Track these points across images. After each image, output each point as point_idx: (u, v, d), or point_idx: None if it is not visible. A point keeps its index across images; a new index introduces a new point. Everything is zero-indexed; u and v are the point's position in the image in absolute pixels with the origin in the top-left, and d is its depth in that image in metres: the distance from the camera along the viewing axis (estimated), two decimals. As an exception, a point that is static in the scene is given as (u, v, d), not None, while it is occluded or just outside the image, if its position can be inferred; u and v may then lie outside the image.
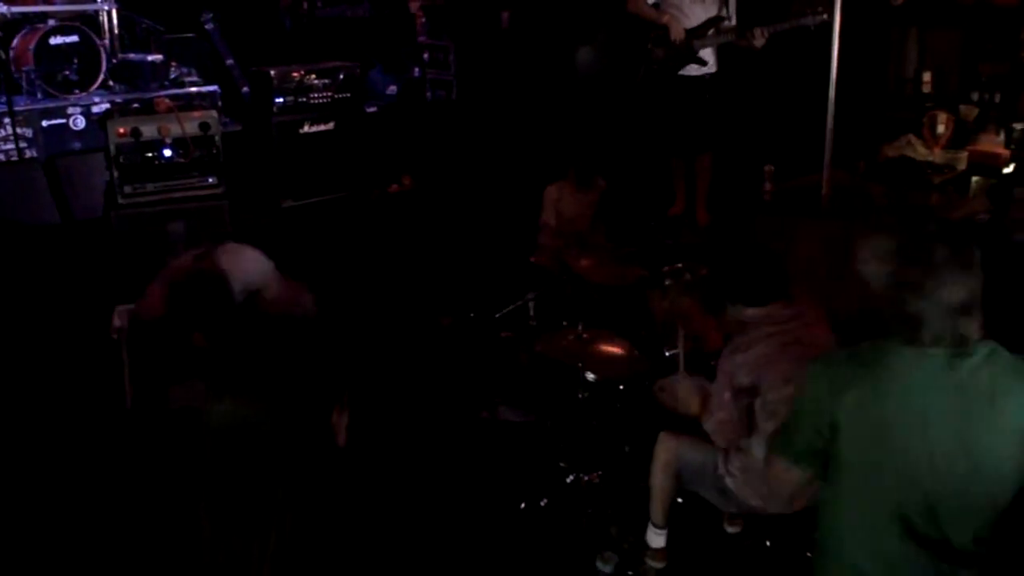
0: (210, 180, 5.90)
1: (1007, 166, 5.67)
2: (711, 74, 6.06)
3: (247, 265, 1.93)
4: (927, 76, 6.78)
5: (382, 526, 3.79)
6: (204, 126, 5.86)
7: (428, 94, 7.45)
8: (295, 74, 6.74)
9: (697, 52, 5.97)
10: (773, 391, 3.04)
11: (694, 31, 5.96)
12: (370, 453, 4.20)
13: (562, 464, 4.12)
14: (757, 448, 3.14)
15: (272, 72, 6.66)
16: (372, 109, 7.09)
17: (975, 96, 6.47)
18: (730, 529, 3.81)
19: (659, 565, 3.57)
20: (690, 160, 6.31)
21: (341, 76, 6.93)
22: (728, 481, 3.21)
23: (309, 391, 1.81)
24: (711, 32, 5.93)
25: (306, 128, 6.76)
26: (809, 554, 3.49)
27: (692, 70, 6.02)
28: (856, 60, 5.65)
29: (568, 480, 4.00)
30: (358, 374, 4.42)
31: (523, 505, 3.95)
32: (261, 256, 1.97)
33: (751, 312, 3.16)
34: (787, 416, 2.92)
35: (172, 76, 6.97)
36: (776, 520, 3.37)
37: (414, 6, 7.54)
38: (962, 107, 6.46)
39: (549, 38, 7.26)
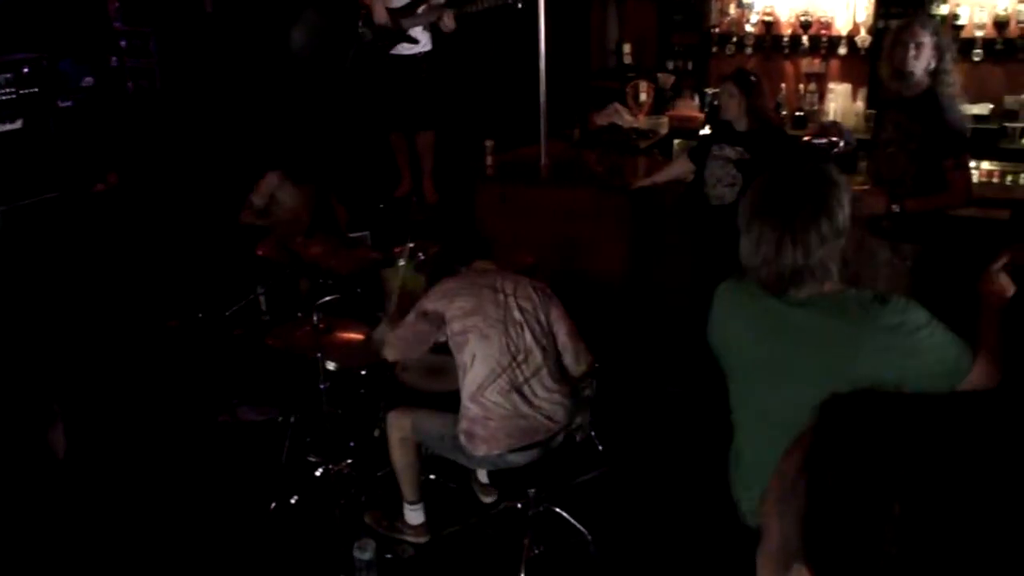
0: None
1: (703, 128, 6.14)
2: (425, 52, 6.07)
3: None
4: (627, 48, 7.18)
5: (127, 544, 3.54)
6: None
7: (129, 84, 6.94)
8: (-31, 68, 6.05)
9: (406, 31, 5.95)
10: (456, 321, 3.29)
11: (401, 10, 5.93)
12: (103, 470, 3.91)
13: (311, 458, 4.02)
14: (465, 386, 3.33)
15: (-59, 68, 5.95)
16: (66, 103, 6.51)
17: (670, 65, 6.95)
18: (485, 499, 3.89)
19: (421, 540, 3.61)
20: (411, 139, 6.31)
21: (26, 69, 6.31)
22: (462, 438, 3.33)
23: (11, 412, 1.63)
24: (420, 10, 5.93)
25: (-11, 128, 6.09)
26: (557, 509, 3.65)
27: (404, 49, 6.00)
28: (562, 35, 5.88)
29: (318, 473, 3.91)
30: (75, 386, 4.08)
31: (273, 505, 3.82)
32: None
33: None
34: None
35: None
36: (523, 482, 3.48)
37: (105, -10, 6.98)
38: (660, 75, 6.91)
39: (257, 20, 6.98)
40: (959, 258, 3.94)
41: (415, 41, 5.97)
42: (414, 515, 3.61)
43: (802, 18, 6.35)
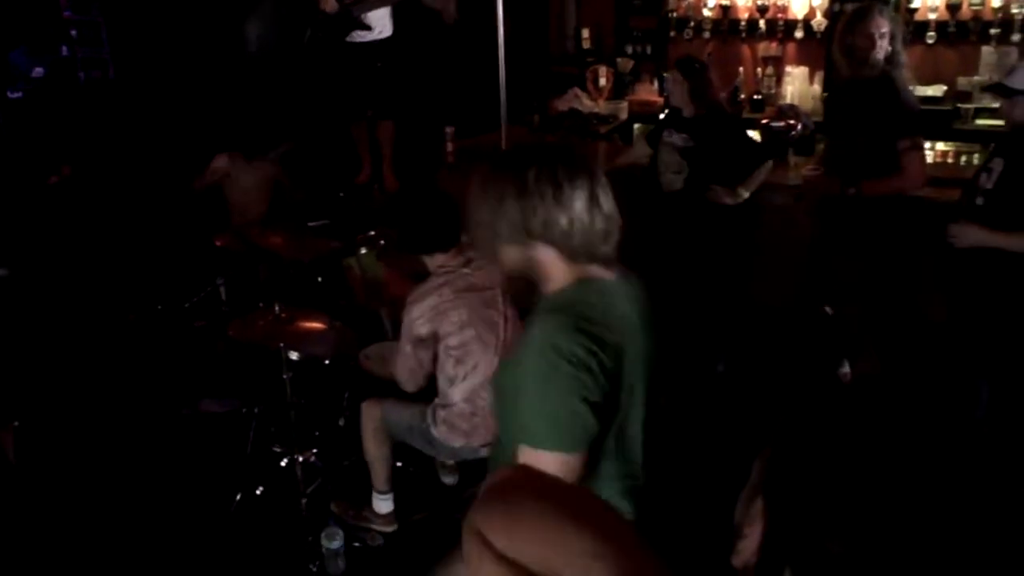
0: None
1: (661, 112, 6.17)
2: (383, 39, 5.97)
3: None
4: (586, 33, 7.20)
5: (91, 539, 3.51)
6: None
7: (81, 75, 6.80)
8: (-85, 60, 5.91)
9: (357, 17, 5.83)
10: (452, 337, 3.17)
11: None
12: (63, 467, 3.86)
13: (276, 448, 4.00)
14: (455, 393, 3.26)
15: None
16: (16, 95, 6.37)
17: (629, 50, 6.97)
18: (447, 480, 3.90)
19: (389, 529, 3.62)
20: (371, 127, 6.25)
21: (-27, 60, 6.18)
22: (433, 431, 3.32)
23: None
24: None
25: (-64, 121, 5.96)
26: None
27: (360, 36, 5.90)
28: (520, 20, 5.86)
29: (283, 463, 3.89)
30: (33, 383, 4.01)
31: (238, 496, 3.79)
32: None
33: (427, 260, 3.27)
34: None
35: None
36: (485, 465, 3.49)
37: (54, -21, 6.82)
38: (619, 60, 6.94)
39: (210, 7, 6.87)
40: (913, 238, 4.01)
41: (367, 28, 5.86)
42: (383, 504, 3.61)
43: (759, 2, 6.40)
